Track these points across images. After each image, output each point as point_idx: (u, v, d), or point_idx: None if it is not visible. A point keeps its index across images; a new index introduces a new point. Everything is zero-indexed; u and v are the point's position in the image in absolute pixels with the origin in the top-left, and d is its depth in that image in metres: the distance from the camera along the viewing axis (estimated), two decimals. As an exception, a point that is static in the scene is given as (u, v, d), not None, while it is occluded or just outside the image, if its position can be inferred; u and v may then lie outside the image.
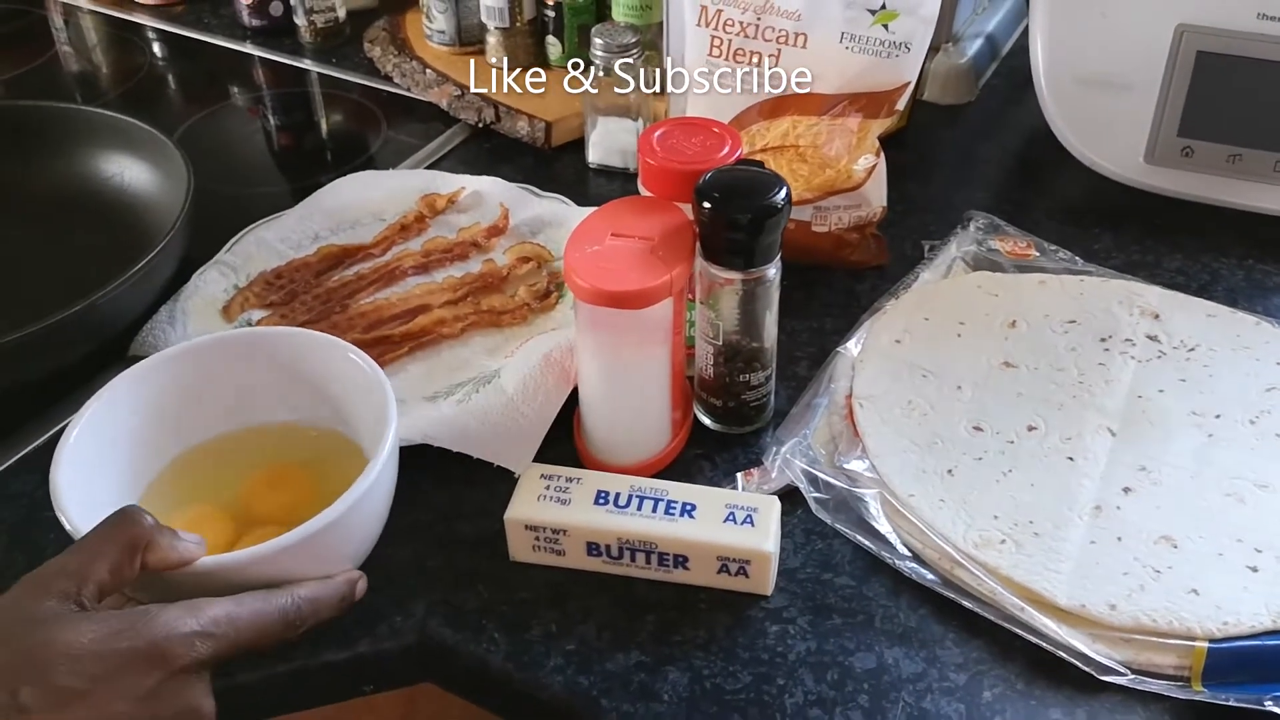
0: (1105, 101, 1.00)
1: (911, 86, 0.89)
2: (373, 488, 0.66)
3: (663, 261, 0.72)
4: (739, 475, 0.78)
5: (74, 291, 0.82)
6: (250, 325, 0.90)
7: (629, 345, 0.74)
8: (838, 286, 0.96)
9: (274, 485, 0.75)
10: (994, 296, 0.89)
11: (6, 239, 1.02)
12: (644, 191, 0.80)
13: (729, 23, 0.90)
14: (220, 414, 0.77)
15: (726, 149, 0.77)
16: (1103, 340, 0.84)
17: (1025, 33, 1.29)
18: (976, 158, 1.13)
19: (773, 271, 0.75)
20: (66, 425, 0.69)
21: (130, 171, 1.04)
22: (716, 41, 0.91)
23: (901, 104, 0.89)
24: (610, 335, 0.74)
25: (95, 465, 0.69)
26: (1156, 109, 0.98)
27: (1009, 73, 1.26)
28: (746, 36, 0.90)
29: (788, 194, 0.72)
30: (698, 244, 0.74)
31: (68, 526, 0.64)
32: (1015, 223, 0.99)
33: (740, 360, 0.79)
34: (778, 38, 0.89)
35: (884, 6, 0.86)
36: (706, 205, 0.72)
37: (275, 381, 0.76)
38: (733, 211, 0.72)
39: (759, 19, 0.89)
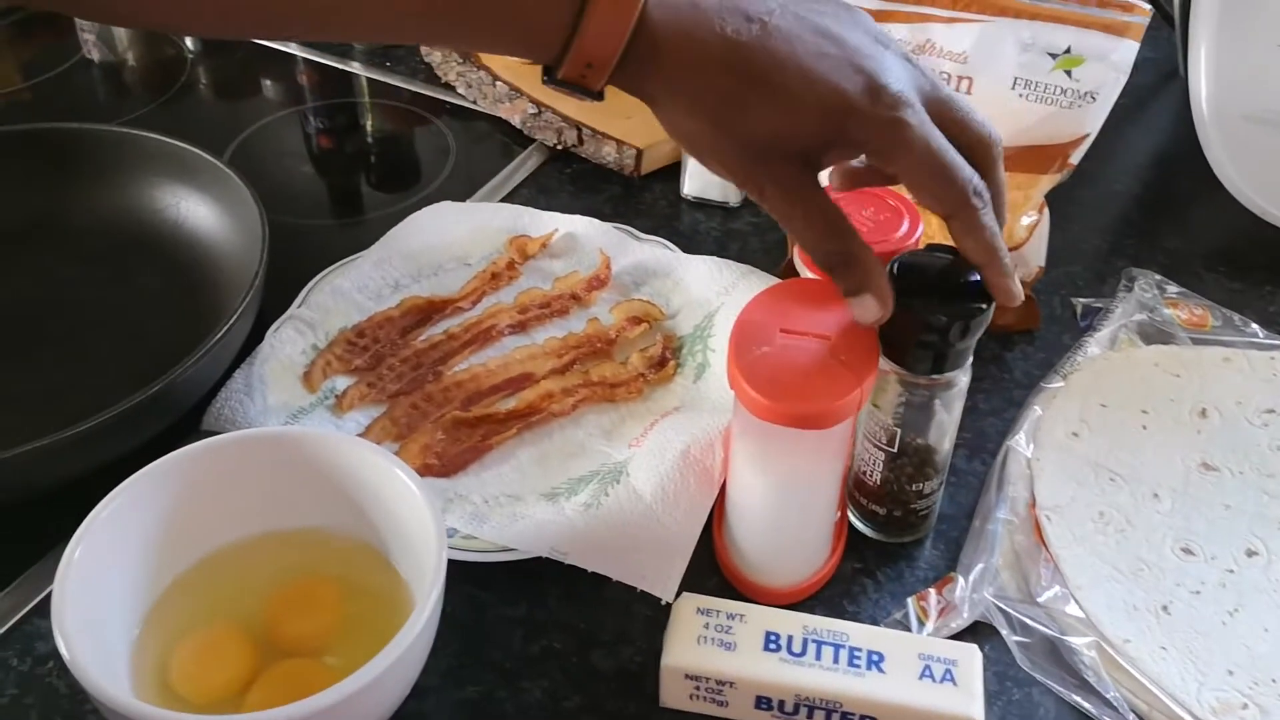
0: (1279, 143, 0.90)
1: (1091, 139, 0.78)
2: (411, 646, 0.56)
3: (848, 369, 0.61)
4: (909, 601, 0.68)
5: (134, 343, 0.73)
6: (334, 394, 0.80)
7: (804, 464, 0.64)
8: (985, 355, 0.85)
9: (298, 606, 0.65)
10: (1175, 377, 0.79)
11: (55, 279, 0.91)
12: (802, 270, 0.69)
13: (881, 62, 0.79)
14: (241, 518, 0.66)
15: (905, 227, 0.67)
16: (1310, 436, 0.74)
17: (1143, 43, 1.19)
18: (1113, 193, 1.03)
19: (965, 379, 0.65)
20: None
21: (187, 202, 0.93)
22: (865, 82, 0.80)
23: (1077, 158, 0.79)
24: (782, 453, 0.63)
25: (100, 582, 0.59)
26: (1338, 154, 0.88)
27: (1133, 90, 1.15)
28: (901, 78, 0.79)
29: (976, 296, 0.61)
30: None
31: (65, 656, 0.54)
32: (1171, 276, 0.89)
33: (911, 467, 0.69)
34: (938, 81, 0.78)
35: (1069, 50, 0.75)
36: (897, 302, 0.62)
37: (307, 485, 0.66)
38: (930, 312, 0.61)
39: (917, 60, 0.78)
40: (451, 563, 0.67)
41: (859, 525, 0.73)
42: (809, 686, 0.60)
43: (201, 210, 0.92)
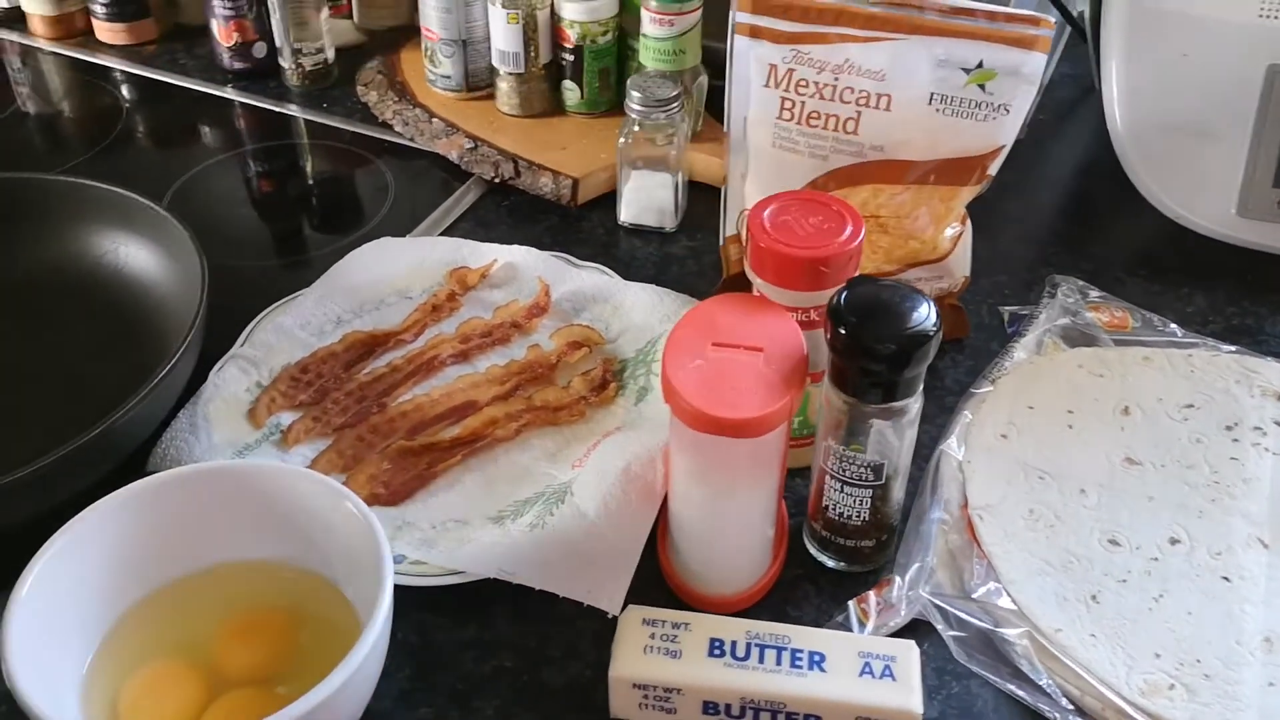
0: (1191, 150, 0.93)
1: (1007, 150, 0.81)
2: (361, 667, 0.57)
3: (778, 378, 0.63)
4: (850, 604, 0.70)
5: (79, 390, 0.72)
6: (280, 429, 0.81)
7: (740, 474, 0.65)
8: (918, 364, 0.88)
9: (247, 636, 0.65)
10: (1099, 378, 0.81)
11: (-4, 330, 0.91)
12: (751, 276, 0.71)
13: (802, 84, 0.81)
14: (190, 551, 0.67)
15: (848, 231, 0.69)
16: (1229, 429, 0.77)
17: (1063, 59, 1.23)
18: (1038, 204, 1.06)
19: (916, 405, 0.66)
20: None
21: (126, 248, 0.94)
22: (788, 104, 0.82)
23: (994, 169, 0.81)
24: (718, 462, 0.65)
25: (50, 619, 0.60)
26: (1249, 157, 0.91)
27: (1053, 105, 1.19)
28: (822, 98, 0.81)
29: (938, 319, 0.63)
30: (826, 371, 0.66)
31: (13, 692, 0.55)
32: (1094, 282, 0.92)
33: (883, 491, 0.70)
34: (858, 99, 0.81)
35: (981, 65, 0.78)
36: (842, 331, 0.63)
37: (255, 517, 0.67)
38: (874, 340, 0.63)
39: (836, 79, 0.80)
40: (402, 589, 0.68)
41: (822, 560, 0.73)
42: (754, 689, 0.62)
43: (141, 255, 0.93)
